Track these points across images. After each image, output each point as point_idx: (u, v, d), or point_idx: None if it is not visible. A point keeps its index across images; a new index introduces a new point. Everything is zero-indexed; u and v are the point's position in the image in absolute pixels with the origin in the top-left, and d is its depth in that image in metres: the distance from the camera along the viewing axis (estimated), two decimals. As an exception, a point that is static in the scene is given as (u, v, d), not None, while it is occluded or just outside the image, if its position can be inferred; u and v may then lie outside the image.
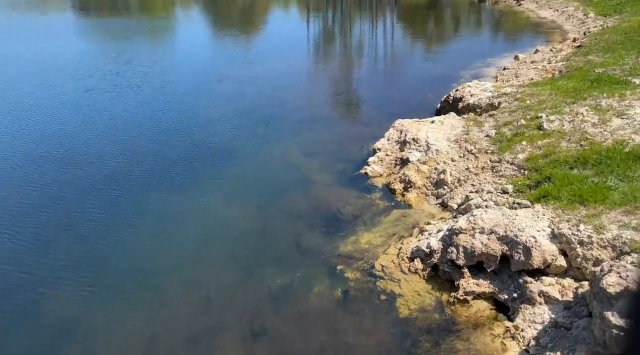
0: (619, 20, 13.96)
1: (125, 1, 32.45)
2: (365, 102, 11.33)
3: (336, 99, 11.46)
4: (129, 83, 12.08)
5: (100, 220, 6.07)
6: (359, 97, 11.83)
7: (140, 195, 6.66)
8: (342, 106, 10.99)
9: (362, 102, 11.43)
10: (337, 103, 11.16)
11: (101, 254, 5.45)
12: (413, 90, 11.72)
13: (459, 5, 27.38)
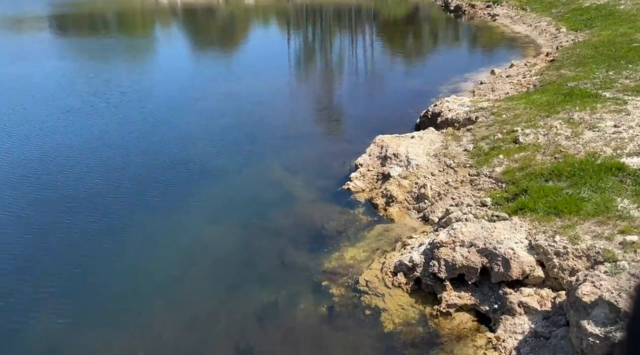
0: (589, 35, 14.43)
1: (104, 21, 32.41)
2: (347, 118, 11.48)
3: (318, 115, 11.59)
4: (106, 103, 12.04)
5: (80, 243, 6.03)
6: (341, 113, 11.98)
7: (121, 217, 6.64)
8: (323, 122, 11.12)
9: (343, 118, 11.58)
10: (319, 119, 11.29)
11: (83, 277, 5.41)
12: (393, 106, 11.90)
13: (436, 20, 27.97)
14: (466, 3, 26.95)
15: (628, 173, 5.12)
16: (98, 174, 7.98)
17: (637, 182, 4.94)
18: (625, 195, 4.75)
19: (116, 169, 8.14)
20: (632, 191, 4.80)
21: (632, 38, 12.03)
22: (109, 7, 39.13)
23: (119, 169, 8.14)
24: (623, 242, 4.02)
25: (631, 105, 6.99)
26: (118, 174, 7.97)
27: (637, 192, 4.76)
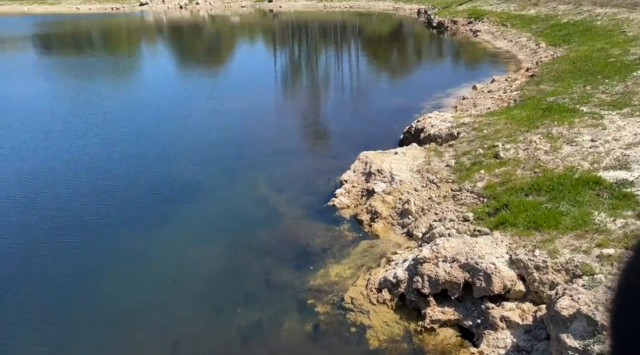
0: (567, 50, 14.78)
1: (89, 39, 32.41)
2: (333, 134, 11.58)
3: (304, 132, 11.68)
4: (88, 122, 12.02)
5: (62, 264, 5.99)
6: (326, 129, 12.08)
7: (104, 236, 6.61)
8: (309, 139, 11.20)
9: (329, 134, 11.68)
10: (305, 135, 11.37)
11: (65, 299, 5.36)
12: (378, 121, 12.03)
13: (420, 36, 28.43)
14: (448, 19, 27.46)
15: (604, 187, 5.24)
16: (80, 193, 7.94)
17: (613, 195, 5.06)
18: (602, 209, 4.85)
19: (99, 188, 8.11)
20: (608, 204, 4.91)
21: (608, 53, 12.35)
22: (94, 25, 39.20)
23: (102, 188, 8.11)
24: (600, 255, 4.11)
25: (607, 120, 7.17)
26: (101, 193, 7.93)
27: (613, 206, 4.87)
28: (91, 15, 45.31)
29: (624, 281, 0.43)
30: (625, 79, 9.47)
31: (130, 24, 41.11)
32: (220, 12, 46.02)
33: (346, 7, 42.61)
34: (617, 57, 11.69)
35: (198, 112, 12.90)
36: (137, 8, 50.60)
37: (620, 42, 13.57)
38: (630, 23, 15.90)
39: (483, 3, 28.61)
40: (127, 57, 25.23)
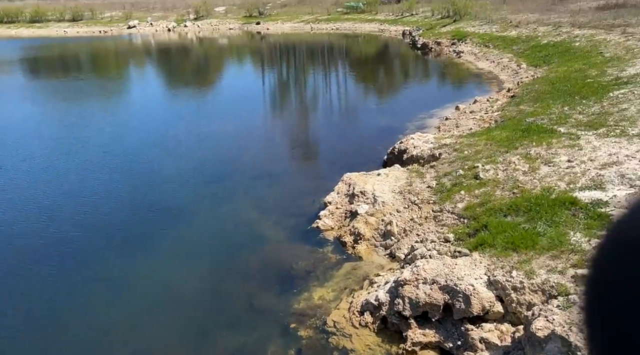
0: (547, 71, 15.12)
1: (77, 62, 32.48)
2: (318, 156, 11.69)
3: (289, 153, 11.76)
4: (71, 146, 12.01)
5: (42, 289, 5.95)
6: (312, 151, 12.18)
7: (86, 261, 6.58)
8: (295, 160, 11.28)
9: (314, 155, 11.78)
10: (291, 157, 11.45)
11: (45, 325, 5.32)
12: (363, 142, 12.17)
13: (404, 57, 28.88)
14: (433, 41, 27.98)
15: (580, 207, 5.36)
16: (62, 217, 7.91)
17: (588, 215, 5.17)
18: (578, 229, 4.96)
19: (81, 212, 8.08)
20: (584, 225, 5.02)
21: (586, 74, 12.67)
22: (81, 48, 39.32)
23: (84, 212, 8.09)
24: (575, 275, 4.19)
25: (583, 140, 7.34)
26: (83, 217, 7.91)
27: (588, 226, 4.99)
28: (79, 39, 45.46)
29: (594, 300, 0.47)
30: (601, 99, 9.72)
31: (118, 46, 41.31)
32: (208, 35, 46.44)
33: (333, 29, 43.24)
34: (594, 78, 12.00)
35: (184, 134, 12.95)
36: (125, 31, 50.85)
37: (598, 63, 13.94)
38: (607, 44, 16.34)
39: (466, 25, 29.22)
40: (114, 80, 25.30)
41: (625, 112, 8.47)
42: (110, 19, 57.21)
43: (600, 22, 20.19)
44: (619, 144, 6.92)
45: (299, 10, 52.37)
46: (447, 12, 32.99)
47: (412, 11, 39.85)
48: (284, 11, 53.31)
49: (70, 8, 58.19)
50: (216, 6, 56.83)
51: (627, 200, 0.37)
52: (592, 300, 0.35)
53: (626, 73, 11.64)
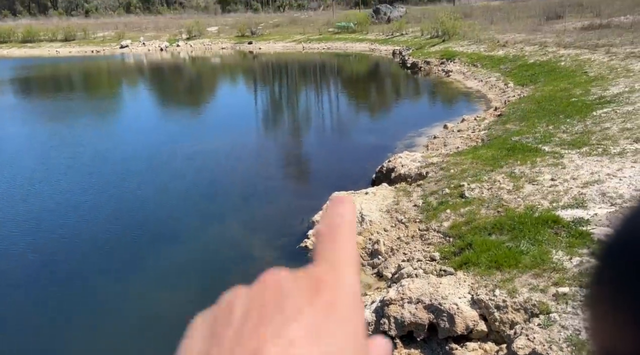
0: (533, 90, 15.39)
1: (70, 81, 32.58)
2: (308, 174, 11.76)
3: (279, 173, 11.82)
4: (59, 166, 12.01)
5: (26, 312, 5.91)
6: (302, 170, 12.26)
7: (71, 284, 6.55)
8: (284, 179, 11.34)
9: (304, 174, 11.85)
10: (280, 176, 11.51)
11: (29, 348, 5.28)
12: (352, 161, 12.27)
13: (395, 76, 29.24)
14: (422, 60, 28.38)
15: (562, 225, 5.45)
16: (47, 239, 7.88)
17: (570, 234, 5.26)
18: (560, 247, 5.04)
19: (66, 232, 8.07)
20: (566, 243, 5.11)
21: (570, 93, 12.93)
22: (74, 68, 39.48)
23: (69, 232, 8.07)
24: (556, 294, 4.26)
25: (567, 159, 7.48)
26: (67, 237, 7.89)
27: (570, 244, 5.07)
28: (71, 58, 45.62)
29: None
30: (585, 118, 9.92)
31: (111, 66, 41.51)
32: (200, 54, 46.81)
33: (324, 49, 43.76)
34: (579, 97, 12.24)
35: (173, 153, 13.00)
36: (117, 51, 51.09)
37: (582, 82, 14.22)
38: (592, 64, 16.69)
39: (454, 44, 29.71)
40: (105, 99, 25.37)
41: (607, 131, 8.64)
42: (102, 38, 57.54)
43: (585, 42, 20.64)
44: (600, 162, 7.06)
45: (291, 30, 53.06)
46: (436, 32, 33.56)
47: (402, 31, 40.49)
48: (276, 31, 53.97)
49: (63, 28, 58.51)
50: (209, 26, 57.46)
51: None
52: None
53: (609, 92, 11.89)
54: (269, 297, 0.30)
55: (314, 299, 0.29)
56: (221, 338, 0.28)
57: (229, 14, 75.97)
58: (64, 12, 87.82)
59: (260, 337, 0.27)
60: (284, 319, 0.28)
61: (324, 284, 0.30)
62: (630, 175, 6.39)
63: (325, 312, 0.28)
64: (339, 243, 0.32)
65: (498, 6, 47.56)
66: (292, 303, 0.28)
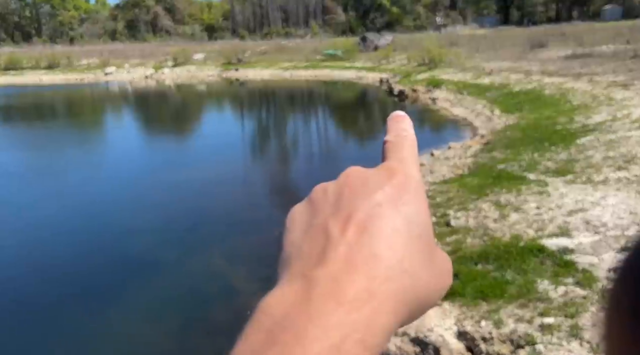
0: (519, 118, 15.61)
1: (52, 108, 32.49)
2: (294, 203, 11.62)
3: (266, 201, 11.76)
4: (37, 194, 11.85)
5: (4, 349, 5.71)
6: (288, 199, 12.18)
7: (47, 316, 6.36)
8: (271, 209, 11.25)
9: (291, 203, 11.58)
10: (267, 205, 11.43)
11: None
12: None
13: (382, 104, 29.58)
14: (409, 88, 28.78)
15: (548, 254, 5.43)
16: (25, 270, 7.69)
17: (555, 263, 5.24)
18: (545, 277, 5.01)
19: (43, 265, 7.88)
20: (551, 272, 5.08)
21: (555, 121, 13.12)
22: (57, 96, 39.40)
23: (47, 264, 7.88)
24: (542, 324, 4.20)
25: (551, 187, 7.52)
26: (43, 270, 7.70)
27: (555, 273, 5.04)
28: (55, 86, 45.47)
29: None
30: (569, 146, 10.04)
31: (95, 93, 41.51)
32: (186, 81, 46.99)
33: (311, 76, 44.21)
34: (563, 125, 12.42)
35: (157, 182, 12.89)
36: (101, 78, 51.09)
37: (566, 110, 14.47)
38: (575, 92, 17.02)
39: (441, 72, 30.21)
40: (88, 128, 25.26)
41: (591, 159, 8.74)
42: (87, 66, 57.52)
43: (568, 71, 21.12)
44: (584, 190, 7.10)
45: (278, 57, 53.63)
46: (422, 60, 34.15)
47: (388, 59, 41.15)
48: (263, 58, 54.51)
49: (47, 56, 58.38)
50: (195, 53, 57.82)
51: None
52: None
53: (592, 120, 12.10)
54: (354, 180, 0.37)
55: (391, 179, 0.36)
56: (320, 211, 0.36)
57: (215, 42, 76.71)
58: (48, 39, 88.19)
59: (353, 203, 0.34)
60: (369, 190, 0.35)
61: (396, 170, 0.37)
62: (613, 203, 6.43)
63: (401, 187, 0.35)
64: (405, 147, 0.40)
65: (483, 35, 48.71)
66: (374, 181, 0.36)
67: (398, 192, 0.35)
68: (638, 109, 12.02)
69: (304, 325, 0.29)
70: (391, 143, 0.42)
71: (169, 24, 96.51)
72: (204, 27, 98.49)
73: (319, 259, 0.32)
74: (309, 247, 0.34)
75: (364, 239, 0.32)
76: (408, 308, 0.32)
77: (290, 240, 0.36)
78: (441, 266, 0.36)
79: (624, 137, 9.83)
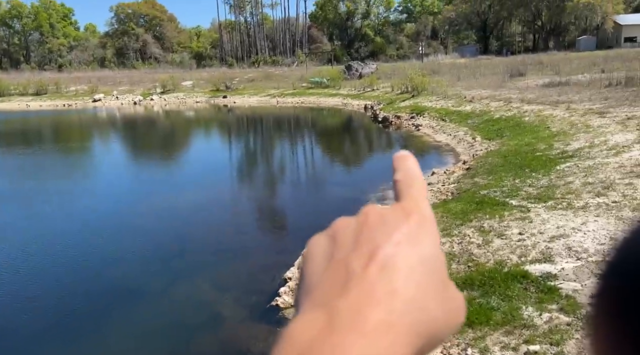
0: (500, 144, 15.91)
1: (39, 133, 32.21)
2: (280, 229, 11.67)
3: (252, 228, 11.71)
4: (21, 222, 11.65)
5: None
6: (274, 224, 12.17)
7: (32, 347, 6.20)
8: (256, 234, 11.22)
9: (276, 229, 11.75)
10: (252, 231, 11.39)
11: None
12: (325, 214, 12.24)
13: (367, 130, 29.92)
14: (393, 114, 29.20)
15: (531, 280, 5.50)
16: (3, 299, 7.51)
17: (539, 289, 5.30)
18: (530, 303, 5.06)
19: (26, 292, 7.71)
20: (535, 298, 5.14)
21: (535, 147, 13.40)
22: (44, 121, 39.13)
23: (30, 292, 7.71)
24: (527, 352, 4.23)
25: (533, 213, 7.65)
26: (28, 298, 7.53)
27: (539, 299, 5.10)
28: (42, 112, 45.25)
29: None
30: (549, 172, 10.25)
31: (82, 120, 41.32)
32: (174, 108, 47.13)
33: (298, 103, 44.67)
34: (543, 151, 12.70)
35: (143, 208, 12.78)
36: (90, 104, 50.96)
37: (546, 137, 14.80)
38: (554, 119, 17.45)
39: (424, 100, 30.76)
40: (74, 154, 25.04)
41: (570, 185, 8.93)
42: (75, 92, 57.40)
43: (546, 99, 21.67)
44: (565, 216, 7.24)
45: (266, 84, 54.19)
46: (405, 88, 34.76)
47: (373, 87, 41.79)
48: (251, 85, 55.03)
49: (35, 82, 58.18)
50: (183, 80, 58.19)
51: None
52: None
53: (571, 147, 12.38)
54: (374, 218, 0.39)
55: (408, 220, 0.38)
56: (342, 245, 0.38)
57: (204, 69, 77.28)
58: (36, 66, 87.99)
59: (373, 241, 0.37)
60: (388, 229, 0.37)
61: (412, 211, 0.39)
62: (593, 229, 6.55)
63: (416, 227, 0.38)
64: (415, 187, 0.43)
65: (464, 63, 49.86)
66: (392, 221, 0.38)
67: (414, 232, 0.37)
68: (614, 136, 12.36)
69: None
70: (401, 182, 0.44)
71: (158, 52, 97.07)
72: (193, 54, 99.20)
73: (341, 291, 0.34)
74: (331, 279, 0.36)
75: (383, 275, 0.34)
76: (422, 341, 0.34)
77: (312, 270, 0.38)
78: (453, 303, 0.38)
79: (602, 163, 10.08)
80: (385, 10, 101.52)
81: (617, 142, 11.66)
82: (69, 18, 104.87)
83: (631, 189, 7.96)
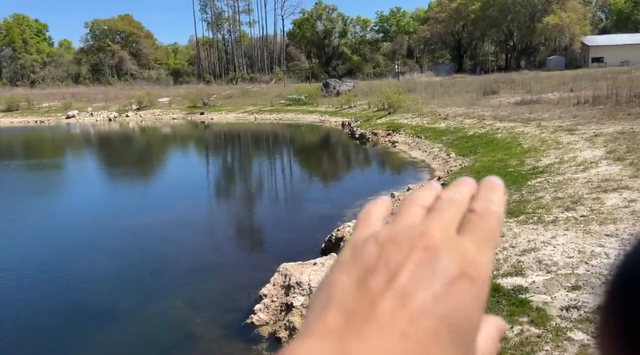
0: (473, 160, 16.22)
1: (10, 149, 31.49)
2: (256, 246, 11.59)
3: (228, 245, 11.60)
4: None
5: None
6: (250, 241, 12.09)
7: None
8: (232, 252, 11.12)
9: (252, 246, 11.68)
10: (228, 249, 11.28)
11: None
12: (302, 231, 12.25)
13: (344, 146, 30.13)
14: (369, 131, 29.51)
15: (503, 293, 5.58)
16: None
17: (510, 302, 5.38)
18: (502, 316, 5.11)
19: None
20: (507, 311, 5.21)
21: (507, 163, 13.69)
22: (15, 138, 38.31)
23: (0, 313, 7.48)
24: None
25: (505, 227, 7.78)
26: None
27: (511, 312, 5.17)
28: (12, 129, 44.33)
29: None
30: (521, 188, 10.47)
31: (55, 136, 40.59)
32: (150, 124, 46.71)
33: (276, 120, 44.79)
34: (515, 167, 12.98)
35: (116, 227, 12.56)
36: (63, 121, 50.12)
37: (517, 153, 15.14)
38: (525, 136, 17.88)
39: (399, 117, 31.19)
40: (44, 171, 24.51)
41: (541, 200, 9.13)
42: (48, 108, 56.44)
43: (518, 116, 22.21)
44: (536, 230, 7.39)
45: (243, 101, 54.23)
46: (382, 105, 35.23)
47: (350, 104, 42.24)
48: (229, 102, 54.99)
49: (6, 98, 57.05)
50: (160, 97, 57.82)
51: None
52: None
53: (542, 163, 12.69)
54: (423, 255, 0.34)
55: (459, 280, 0.33)
56: (380, 271, 0.34)
57: (181, 86, 76.98)
58: (7, 82, 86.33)
59: (412, 285, 0.33)
60: (434, 279, 0.33)
61: (469, 272, 0.34)
62: (563, 242, 6.70)
63: (464, 292, 0.33)
64: (489, 228, 0.38)
65: (439, 82, 50.85)
66: (443, 269, 0.34)
67: (460, 297, 0.33)
68: (583, 152, 12.73)
69: None
70: (477, 216, 0.39)
71: (135, 68, 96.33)
72: (170, 71, 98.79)
73: (360, 329, 0.31)
74: (355, 306, 0.33)
75: (409, 329, 0.31)
76: None
77: (340, 279, 0.35)
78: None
79: (571, 178, 10.35)
80: (362, 29, 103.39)
81: (585, 158, 12.01)
82: (43, 34, 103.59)
83: (598, 204, 8.19)
